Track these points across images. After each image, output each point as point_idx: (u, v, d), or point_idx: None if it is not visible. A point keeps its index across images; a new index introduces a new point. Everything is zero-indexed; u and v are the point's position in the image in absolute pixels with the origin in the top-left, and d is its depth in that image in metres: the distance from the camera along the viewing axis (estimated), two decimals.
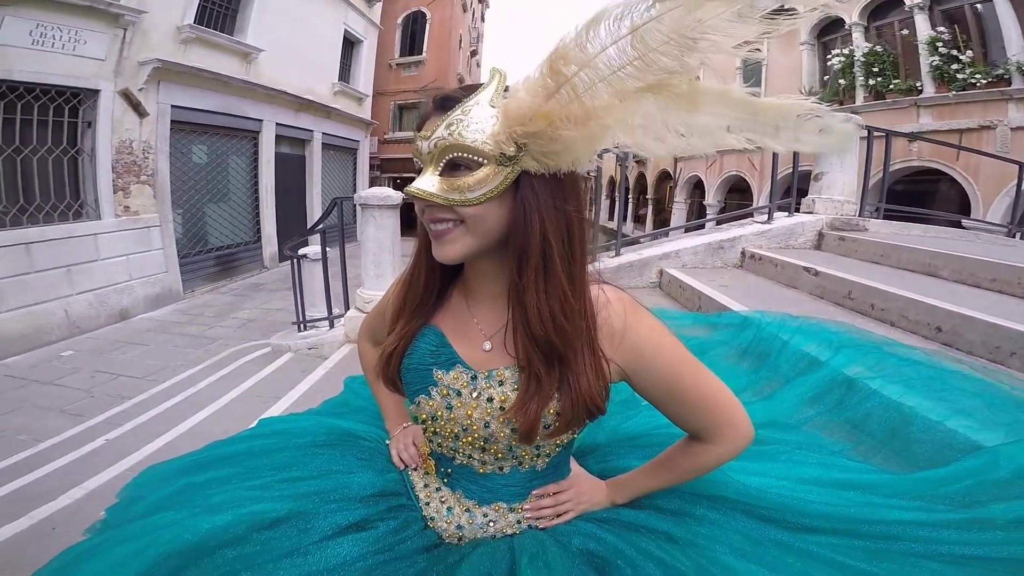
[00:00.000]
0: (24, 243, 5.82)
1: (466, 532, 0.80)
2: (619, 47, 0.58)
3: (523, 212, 0.65)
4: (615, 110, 0.60)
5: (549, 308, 0.66)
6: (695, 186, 18.02)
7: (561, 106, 0.60)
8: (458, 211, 0.66)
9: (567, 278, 0.67)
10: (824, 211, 4.04)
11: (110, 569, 0.71)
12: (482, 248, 0.69)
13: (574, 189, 0.68)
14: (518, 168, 0.64)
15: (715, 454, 0.77)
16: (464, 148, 0.63)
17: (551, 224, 0.66)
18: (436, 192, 0.65)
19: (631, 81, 0.59)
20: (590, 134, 0.61)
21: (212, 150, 8.86)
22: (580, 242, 0.69)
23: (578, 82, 0.59)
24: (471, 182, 0.64)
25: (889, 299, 2.28)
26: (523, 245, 0.66)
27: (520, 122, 0.61)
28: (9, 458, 2.96)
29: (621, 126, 0.62)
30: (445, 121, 0.64)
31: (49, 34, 5.80)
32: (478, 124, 0.63)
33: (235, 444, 1.02)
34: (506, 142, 0.62)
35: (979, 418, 1.17)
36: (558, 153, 0.62)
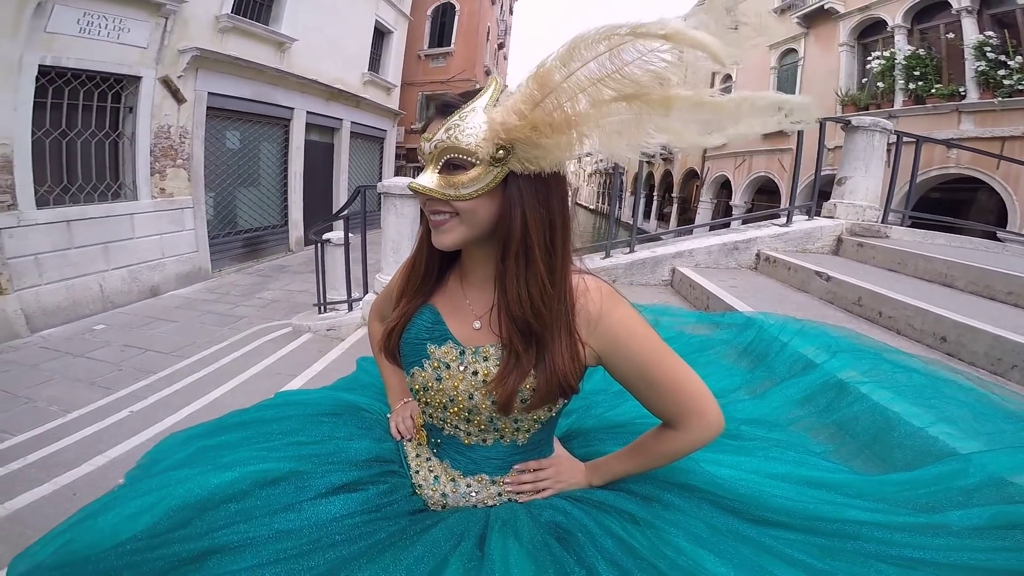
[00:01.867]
0: (66, 220, 6.09)
1: (450, 500, 0.87)
2: (598, 62, 0.64)
3: (508, 207, 0.73)
4: (594, 119, 0.67)
5: (528, 292, 0.73)
6: (722, 186, 17.73)
7: (545, 114, 0.66)
8: (453, 205, 0.74)
9: (546, 267, 0.74)
10: (845, 216, 3.98)
11: (124, 520, 0.77)
12: (474, 237, 0.77)
13: (558, 188, 0.75)
14: (506, 168, 0.71)
15: (683, 441, 0.82)
16: (459, 150, 0.71)
17: (533, 218, 0.73)
18: (434, 188, 0.73)
19: (608, 92, 0.65)
20: (570, 140, 0.67)
21: (245, 136, 9.09)
22: (562, 235, 0.76)
23: (561, 93, 0.66)
24: (465, 180, 0.72)
25: (897, 307, 2.27)
26: (507, 235, 0.73)
27: (507, 129, 0.68)
28: (39, 427, 3.14)
29: (599, 133, 0.68)
30: (445, 125, 0.72)
31: (95, 22, 6.02)
32: (472, 129, 0.70)
33: (250, 413, 1.11)
34: (495, 146, 0.70)
35: (963, 427, 1.19)
36: (541, 156, 0.69)
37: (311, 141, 10.54)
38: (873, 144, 4.04)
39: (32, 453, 2.63)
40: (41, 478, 2.25)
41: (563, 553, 0.74)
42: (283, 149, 9.99)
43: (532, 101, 0.66)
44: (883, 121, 4.10)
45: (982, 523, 0.80)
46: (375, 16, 12.16)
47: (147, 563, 0.71)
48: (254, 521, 0.76)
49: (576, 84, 0.65)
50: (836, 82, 11.00)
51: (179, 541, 0.73)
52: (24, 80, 5.41)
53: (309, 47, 9.55)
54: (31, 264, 5.71)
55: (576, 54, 0.64)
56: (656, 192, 25.06)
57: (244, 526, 0.75)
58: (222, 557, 0.71)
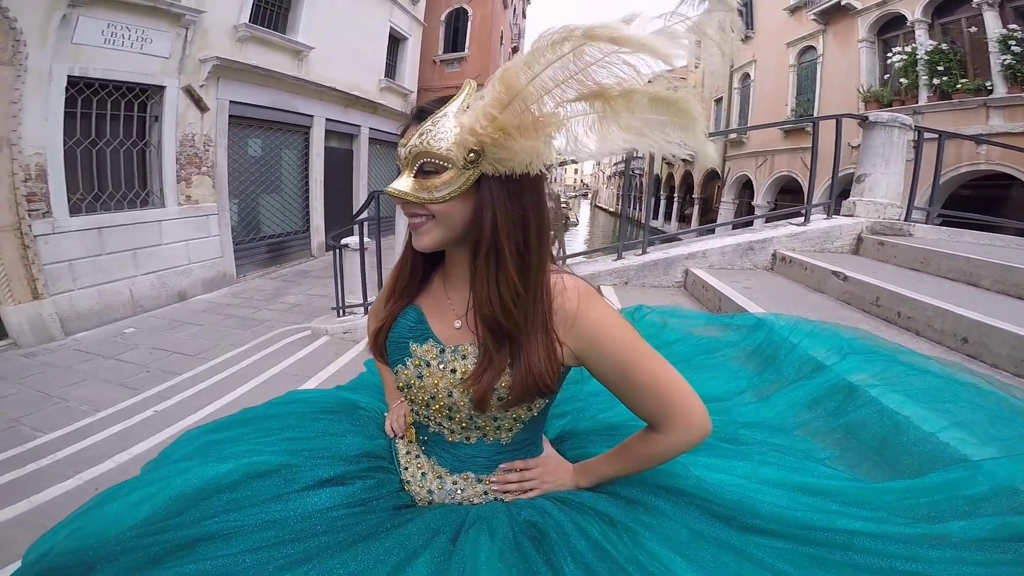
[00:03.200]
0: (97, 227, 6.32)
1: (436, 497, 0.88)
2: (562, 63, 0.66)
3: (480, 209, 0.74)
4: (560, 120, 0.68)
5: (498, 293, 0.74)
6: (744, 186, 17.45)
7: (514, 116, 0.67)
8: (428, 207, 0.75)
9: (517, 268, 0.74)
10: (865, 214, 3.89)
11: (127, 508, 0.82)
12: (451, 239, 0.78)
13: (533, 189, 0.75)
14: (478, 171, 0.72)
15: (666, 443, 0.81)
16: (431, 154, 0.72)
17: (503, 220, 0.73)
18: (409, 192, 0.75)
19: (572, 93, 0.66)
20: (538, 142, 0.68)
21: (266, 144, 9.30)
22: (538, 235, 0.76)
23: (527, 95, 0.67)
24: (438, 183, 0.73)
25: (916, 307, 2.21)
26: (477, 237, 0.75)
27: (477, 132, 0.69)
28: (70, 425, 3.27)
29: (567, 134, 0.69)
30: (419, 131, 0.74)
31: (119, 33, 6.22)
32: (444, 133, 0.72)
33: (256, 410, 1.15)
34: (466, 149, 0.71)
35: (977, 432, 1.15)
36: (511, 158, 0.70)
37: (331, 148, 10.72)
38: (892, 140, 3.94)
39: (61, 450, 2.75)
40: (67, 474, 2.35)
41: (534, 552, 0.74)
42: (304, 156, 10.19)
43: (500, 104, 0.67)
44: (902, 116, 4.00)
45: (985, 534, 0.76)
46: (389, 23, 12.31)
47: (144, 548, 0.74)
48: (244, 510, 0.79)
49: (541, 86, 0.66)
50: (857, 79, 10.76)
51: (174, 528, 0.76)
52: (54, 90, 5.62)
53: (326, 55, 9.71)
54: (65, 270, 5.94)
55: (540, 56, 0.65)
56: (676, 193, 24.80)
57: (234, 515, 0.79)
58: (211, 544, 0.74)
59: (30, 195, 5.50)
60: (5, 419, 3.48)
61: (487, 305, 0.75)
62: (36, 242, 5.55)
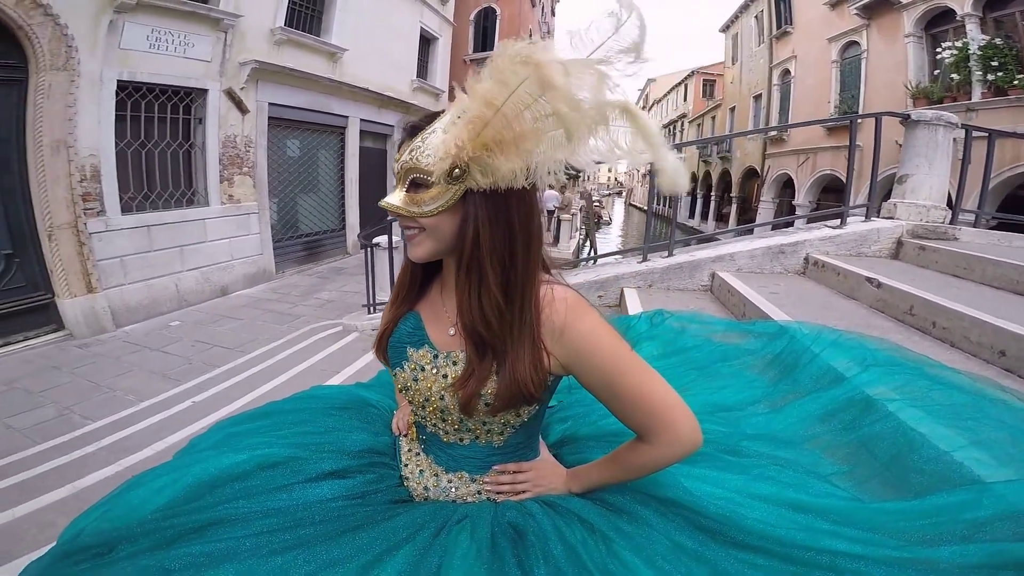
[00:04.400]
0: (146, 225, 6.65)
1: (431, 494, 0.92)
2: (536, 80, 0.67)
3: (464, 223, 0.76)
4: (538, 134, 0.70)
5: (480, 304, 0.77)
6: (784, 185, 16.89)
7: (495, 132, 0.69)
8: (419, 221, 0.78)
9: (499, 282, 0.76)
10: (906, 217, 3.72)
11: (151, 494, 0.90)
12: (442, 250, 0.82)
13: (520, 203, 0.77)
14: (464, 186, 0.75)
15: (653, 455, 0.81)
16: (420, 170, 0.76)
17: (485, 234, 0.76)
18: (400, 205, 0.79)
19: (547, 107, 0.68)
20: (518, 157, 0.70)
21: (304, 144, 9.56)
22: (524, 249, 0.78)
23: (507, 111, 0.68)
24: (426, 198, 0.76)
25: (952, 317, 2.11)
26: (460, 250, 0.78)
27: (461, 149, 0.72)
28: (115, 414, 3.47)
29: (545, 148, 0.71)
30: (410, 147, 0.77)
31: (163, 38, 6.48)
32: (432, 149, 0.75)
33: (277, 405, 1.23)
34: (451, 165, 0.73)
35: (997, 451, 1.10)
36: (493, 173, 0.72)
37: (365, 148, 10.94)
38: (937, 139, 3.75)
39: (106, 438, 2.93)
40: (109, 460, 2.52)
41: (509, 553, 0.76)
42: (339, 156, 10.43)
43: (482, 121, 0.69)
44: (947, 114, 3.80)
45: (978, 560, 0.73)
46: (420, 23, 12.41)
47: (161, 531, 0.81)
48: (252, 498, 0.86)
49: (520, 101, 0.68)
50: (904, 75, 10.27)
51: (188, 513, 0.83)
52: (105, 95, 5.91)
53: (359, 56, 9.88)
54: (117, 265, 6.27)
55: (511, 73, 0.67)
56: (714, 191, 24.23)
57: (243, 502, 0.85)
58: (220, 528, 0.81)
59: (85, 195, 5.82)
60: (58, 407, 3.72)
61: (468, 316, 0.78)
62: (91, 239, 5.87)
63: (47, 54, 5.18)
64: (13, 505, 2.27)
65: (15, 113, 5.23)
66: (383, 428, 1.10)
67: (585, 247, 13.50)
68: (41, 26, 5.09)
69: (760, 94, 18.71)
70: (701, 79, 30.25)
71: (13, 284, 5.37)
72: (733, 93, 22.20)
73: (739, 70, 21.22)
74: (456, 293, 0.80)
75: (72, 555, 0.83)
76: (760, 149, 17.99)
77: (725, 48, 23.30)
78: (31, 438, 3.17)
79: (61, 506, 2.21)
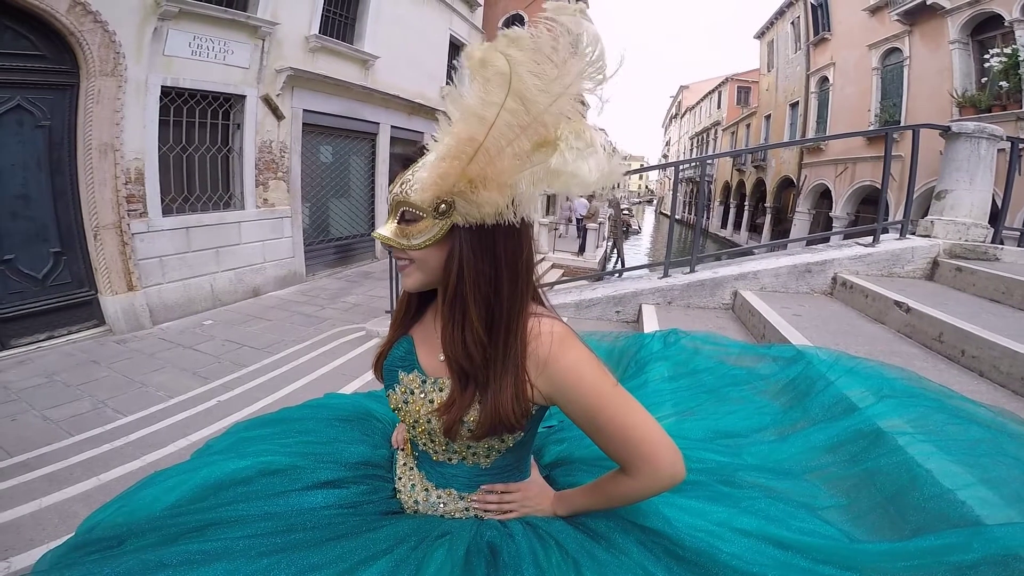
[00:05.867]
0: (185, 227, 6.92)
1: (421, 508, 0.94)
2: (513, 115, 0.68)
3: (449, 258, 0.78)
4: (521, 168, 0.70)
5: (461, 338, 0.78)
6: (821, 195, 16.41)
7: (480, 168, 0.71)
8: (408, 253, 0.80)
9: (482, 318, 0.78)
10: (944, 235, 3.56)
11: (162, 493, 0.97)
12: (431, 282, 0.84)
13: (508, 238, 0.78)
14: (450, 221, 0.76)
15: (633, 487, 0.82)
16: (409, 204, 0.78)
17: (469, 271, 0.77)
18: (390, 237, 0.81)
19: (527, 143, 0.69)
20: (502, 193, 0.71)
21: (336, 150, 9.80)
22: (510, 285, 0.79)
23: (490, 146, 0.69)
24: (415, 231, 0.78)
25: (982, 346, 2.01)
26: (445, 285, 0.79)
27: (447, 184, 0.73)
28: (146, 409, 3.62)
29: (528, 182, 0.72)
30: (402, 180, 0.80)
31: (204, 45, 6.74)
32: (420, 184, 0.77)
33: (288, 412, 1.29)
34: (437, 200, 0.75)
35: (1006, 491, 1.06)
36: (478, 209, 0.73)
37: (395, 154, 11.13)
38: (979, 153, 3.58)
39: (134, 433, 3.06)
40: (135, 455, 2.63)
41: (482, 571, 0.78)
42: (370, 162, 10.64)
43: (466, 156, 0.71)
44: (991, 127, 3.62)
45: None
46: (449, 30, 12.54)
47: (166, 528, 0.87)
48: (250, 502, 0.91)
49: (501, 136, 0.68)
50: (949, 83, 9.86)
51: (193, 512, 0.89)
52: (150, 100, 6.18)
53: (390, 63, 10.05)
54: (156, 265, 6.54)
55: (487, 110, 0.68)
56: (748, 201, 23.71)
57: (243, 505, 0.90)
58: (219, 528, 0.86)
59: (129, 196, 6.10)
60: (93, 400, 3.90)
61: (450, 348, 0.80)
62: (133, 239, 6.15)
63: (96, 60, 5.45)
64: (42, 495, 2.40)
65: (67, 117, 5.52)
66: (382, 441, 1.14)
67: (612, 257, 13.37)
68: (91, 33, 5.36)
69: (796, 102, 18.26)
70: (735, 86, 29.71)
71: (60, 280, 5.66)
72: (768, 101, 21.74)
73: (775, 77, 20.78)
74: (440, 325, 0.82)
75: (86, 546, 0.89)
76: (796, 158, 17.54)
77: (760, 55, 22.86)
78: (66, 430, 3.34)
79: (85, 498, 2.33)
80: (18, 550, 2.01)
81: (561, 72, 0.69)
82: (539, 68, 0.68)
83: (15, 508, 2.33)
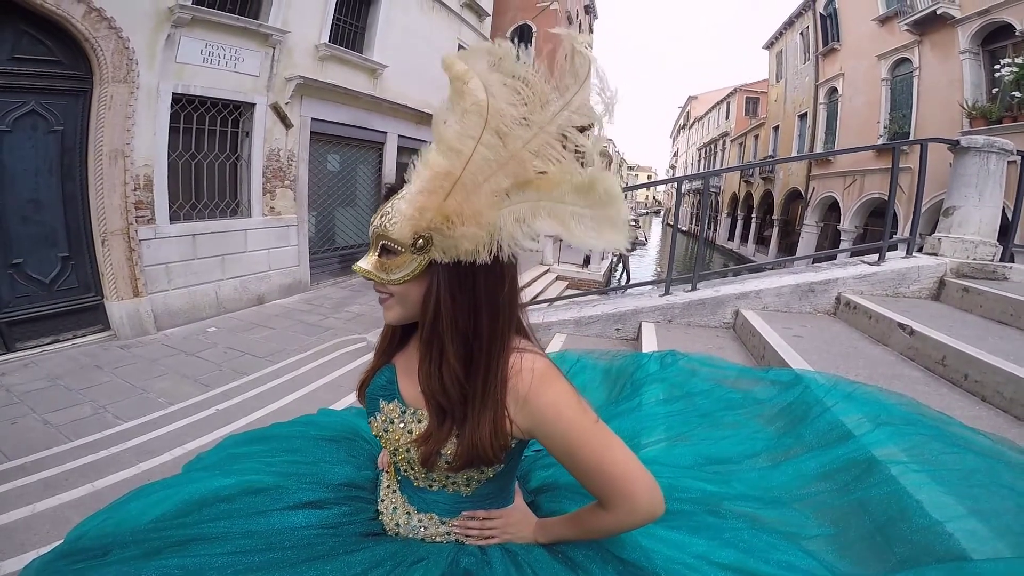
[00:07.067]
0: (192, 234, 6.96)
1: (402, 531, 0.94)
2: (491, 150, 0.67)
3: (427, 295, 0.77)
4: (498, 208, 0.69)
5: (439, 375, 0.78)
6: (829, 208, 16.32)
7: (457, 204, 0.70)
8: (388, 288, 0.80)
9: (460, 356, 0.77)
10: (951, 253, 3.51)
11: (147, 507, 0.98)
12: (412, 316, 0.83)
13: (488, 275, 0.76)
14: (428, 257, 0.75)
15: (610, 521, 0.81)
16: (388, 238, 0.77)
17: (447, 309, 0.76)
18: (370, 270, 0.80)
19: (505, 180, 0.68)
20: (480, 231, 0.70)
21: (344, 159, 9.85)
22: (490, 323, 0.78)
23: (467, 182, 0.69)
24: (393, 266, 0.77)
25: (985, 371, 1.97)
26: (422, 321, 0.79)
27: (424, 220, 0.72)
28: (145, 416, 3.62)
29: (510, 220, 0.70)
30: (382, 211, 0.79)
31: (215, 52, 6.80)
32: (398, 218, 0.75)
33: (280, 428, 1.30)
34: (414, 235, 0.74)
35: (996, 523, 1.05)
36: (455, 246, 0.72)
37: (402, 163, 11.16)
38: (988, 168, 3.52)
39: (132, 440, 3.06)
40: (131, 462, 2.63)
41: None
42: (377, 171, 10.68)
43: (443, 191, 0.70)
44: (1000, 140, 3.57)
45: None
46: (458, 40, 12.60)
47: (150, 541, 0.88)
48: (232, 520, 0.92)
49: (478, 171, 0.68)
50: (960, 93, 9.79)
51: (176, 527, 0.91)
52: (161, 106, 6.23)
53: (399, 73, 10.10)
54: (162, 271, 6.58)
55: (463, 144, 0.67)
56: (755, 214, 23.63)
57: (224, 522, 0.91)
58: (200, 544, 0.87)
59: (138, 203, 6.16)
60: (94, 405, 3.91)
61: (427, 383, 0.80)
62: (140, 246, 6.19)
63: (110, 66, 5.52)
64: (36, 500, 2.40)
65: (79, 123, 5.59)
66: (367, 462, 1.14)
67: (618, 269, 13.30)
68: (106, 39, 5.43)
69: (805, 113, 18.23)
70: (744, 96, 29.72)
71: (67, 285, 5.71)
72: (777, 111, 21.72)
73: (783, 88, 20.77)
74: (418, 360, 0.81)
75: (72, 555, 0.91)
76: (804, 170, 17.47)
77: (769, 65, 22.87)
78: (65, 435, 3.34)
79: (78, 504, 2.33)
80: (8, 555, 2.01)
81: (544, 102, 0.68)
82: (518, 97, 0.68)
83: (9, 512, 2.33)
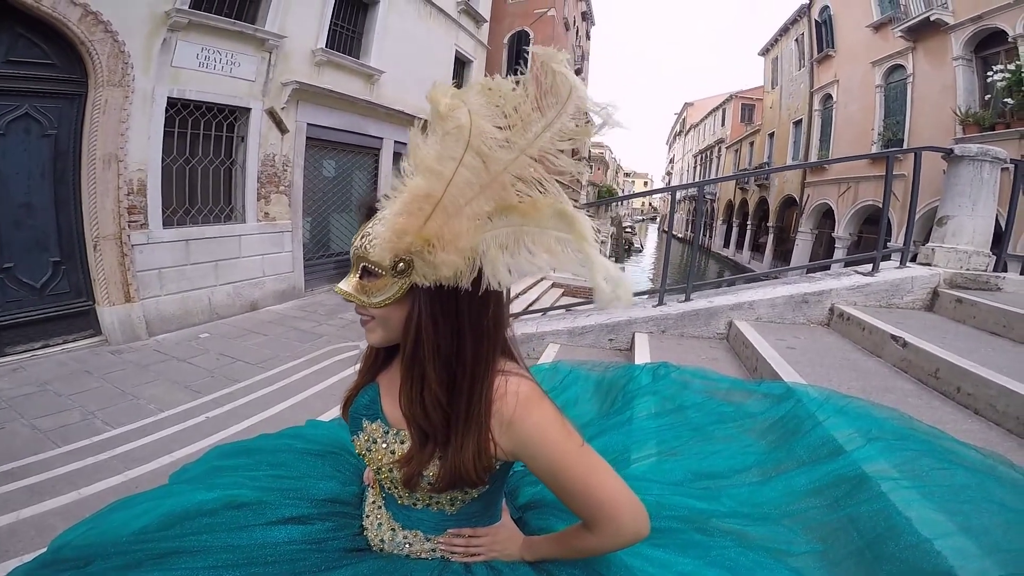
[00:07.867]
0: (185, 239, 6.93)
1: (386, 547, 0.92)
2: (472, 172, 0.66)
3: (408, 319, 0.76)
4: (480, 232, 0.68)
5: (420, 400, 0.77)
6: (824, 215, 16.40)
7: (437, 227, 0.68)
8: (369, 311, 0.78)
9: (442, 379, 0.75)
10: (945, 263, 3.51)
11: (130, 518, 0.98)
12: (395, 339, 0.81)
13: (472, 300, 0.74)
14: (409, 280, 0.73)
15: (595, 543, 0.81)
16: (368, 260, 0.75)
17: (429, 334, 0.74)
18: (351, 292, 0.78)
19: (487, 204, 0.66)
20: (461, 255, 0.68)
21: (339, 165, 9.84)
22: (474, 348, 0.76)
23: (447, 205, 0.67)
24: (374, 288, 0.76)
25: (978, 384, 1.97)
26: (403, 345, 0.77)
27: (403, 243, 0.71)
28: (135, 422, 3.58)
29: (494, 246, 0.68)
30: (363, 232, 0.77)
31: (211, 57, 6.78)
32: (378, 240, 0.74)
33: (266, 440, 1.30)
34: (395, 258, 0.72)
35: (985, 540, 1.04)
36: (437, 270, 0.70)
37: (398, 169, 11.15)
38: (982, 176, 3.53)
39: (120, 447, 3.03)
40: (119, 469, 2.60)
41: None
42: (373, 177, 10.68)
43: (423, 214, 0.68)
44: (994, 149, 3.58)
45: None
46: (455, 46, 12.61)
47: (131, 553, 0.88)
48: (214, 533, 0.91)
49: (459, 194, 0.66)
50: (953, 100, 9.87)
51: (158, 540, 0.91)
52: (156, 111, 6.20)
53: (395, 78, 10.09)
54: (155, 277, 6.53)
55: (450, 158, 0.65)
56: (750, 221, 23.73)
57: (206, 536, 0.91)
58: (181, 557, 0.86)
59: (131, 207, 6.12)
60: (83, 411, 3.86)
61: (408, 407, 0.78)
62: (133, 251, 6.15)
63: (105, 70, 5.50)
64: (21, 506, 2.37)
65: (73, 127, 5.56)
66: (353, 477, 1.13)
67: None
68: (101, 43, 5.41)
69: (800, 119, 18.35)
70: (740, 103, 29.92)
71: (58, 290, 5.67)
72: (772, 118, 21.86)
73: (779, 94, 20.92)
74: (400, 383, 0.80)
75: (54, 564, 0.90)
76: (799, 177, 17.57)
77: (764, 72, 23.04)
78: (53, 440, 3.29)
79: (64, 511, 2.30)
80: None
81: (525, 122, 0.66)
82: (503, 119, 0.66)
83: None
